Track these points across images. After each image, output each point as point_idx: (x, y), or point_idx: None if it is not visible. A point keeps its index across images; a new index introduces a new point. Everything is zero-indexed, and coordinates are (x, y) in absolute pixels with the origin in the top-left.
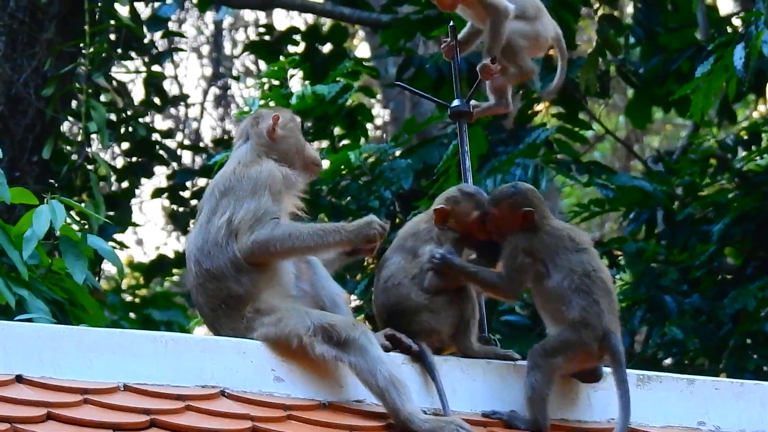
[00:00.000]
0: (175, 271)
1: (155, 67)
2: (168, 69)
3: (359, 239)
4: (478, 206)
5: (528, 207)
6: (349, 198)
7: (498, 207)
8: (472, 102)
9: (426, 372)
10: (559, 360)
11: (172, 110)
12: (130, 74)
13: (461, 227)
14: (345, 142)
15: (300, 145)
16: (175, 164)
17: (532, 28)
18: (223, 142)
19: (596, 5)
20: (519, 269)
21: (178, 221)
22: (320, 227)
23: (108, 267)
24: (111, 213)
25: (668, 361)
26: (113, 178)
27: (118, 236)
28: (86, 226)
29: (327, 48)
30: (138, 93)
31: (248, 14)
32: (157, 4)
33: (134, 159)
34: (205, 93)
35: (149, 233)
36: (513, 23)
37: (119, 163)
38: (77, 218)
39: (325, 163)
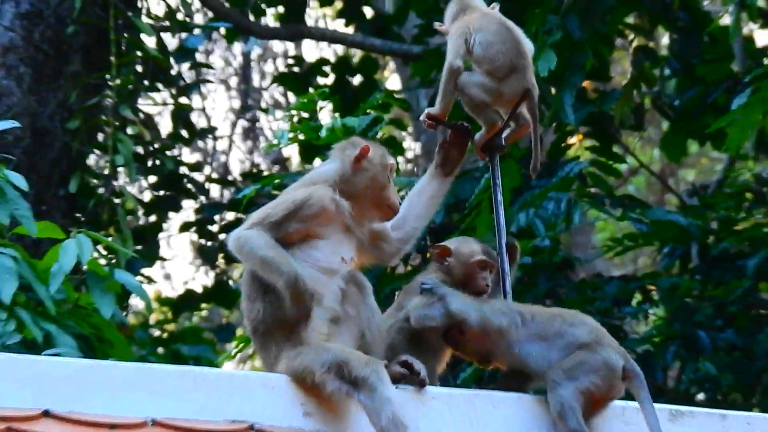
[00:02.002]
0: (203, 305)
1: (183, 99)
2: (195, 101)
3: (288, 290)
4: (483, 252)
5: None
6: None
7: None
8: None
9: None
10: (583, 382)
11: (200, 143)
12: (157, 106)
13: (458, 270)
14: None
15: (379, 184)
16: (203, 198)
17: (494, 85)
18: (252, 175)
19: (631, 36)
20: None
21: (206, 255)
22: (278, 261)
23: (136, 302)
24: (138, 247)
25: (701, 396)
26: (141, 212)
27: (145, 271)
28: (113, 261)
29: (357, 80)
30: (165, 125)
31: (277, 45)
32: (184, 35)
33: (162, 192)
34: (234, 125)
35: (177, 268)
36: (478, 77)
37: (147, 196)
38: (104, 252)
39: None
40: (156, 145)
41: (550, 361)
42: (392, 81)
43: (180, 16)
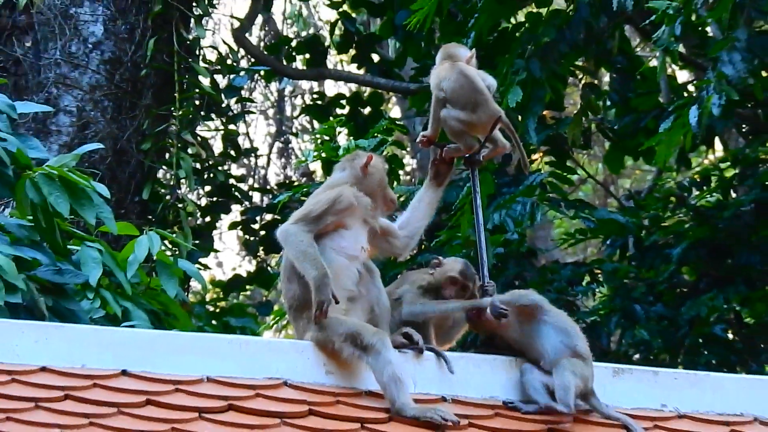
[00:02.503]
0: (247, 287)
1: (231, 126)
2: (241, 127)
3: (315, 289)
4: (460, 273)
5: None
6: None
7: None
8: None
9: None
10: (578, 381)
11: (245, 160)
12: (211, 132)
13: (436, 278)
14: None
15: (383, 184)
16: (247, 203)
17: (467, 117)
18: (285, 185)
19: (580, 75)
20: None
21: (250, 248)
22: (313, 260)
23: (194, 284)
24: (197, 242)
25: (637, 356)
26: (198, 214)
27: (202, 260)
28: (177, 252)
29: (367, 110)
30: (217, 146)
31: (304, 84)
32: (232, 76)
33: (215, 199)
34: (271, 147)
35: (227, 257)
36: (454, 112)
37: (203, 202)
38: (170, 246)
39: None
40: (210, 162)
41: (547, 344)
42: (394, 111)
43: (229, 61)
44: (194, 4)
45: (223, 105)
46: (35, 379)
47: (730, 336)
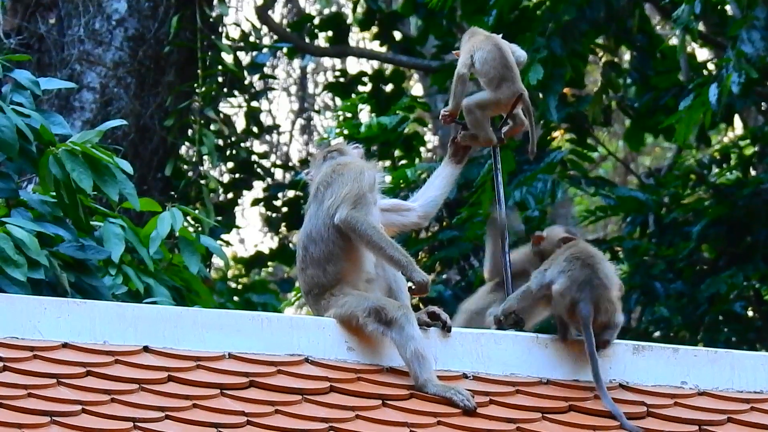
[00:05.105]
0: (269, 263)
1: (253, 103)
2: (263, 104)
3: (411, 276)
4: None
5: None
6: None
7: None
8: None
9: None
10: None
11: (267, 137)
12: (234, 108)
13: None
14: (403, 162)
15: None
16: (269, 180)
17: (489, 97)
18: (307, 162)
19: (601, 53)
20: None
21: (272, 224)
22: (395, 244)
23: (216, 261)
24: (219, 218)
25: (657, 334)
26: (221, 190)
27: (224, 236)
28: (199, 229)
29: (389, 88)
30: (240, 123)
31: (327, 61)
32: (255, 53)
33: (237, 175)
34: (293, 123)
35: (249, 234)
36: (476, 96)
37: (225, 178)
38: (192, 222)
39: (387, 179)
40: (233, 139)
41: None
42: (416, 89)
43: (252, 38)
44: None
45: (246, 82)
46: (57, 355)
47: (750, 313)
